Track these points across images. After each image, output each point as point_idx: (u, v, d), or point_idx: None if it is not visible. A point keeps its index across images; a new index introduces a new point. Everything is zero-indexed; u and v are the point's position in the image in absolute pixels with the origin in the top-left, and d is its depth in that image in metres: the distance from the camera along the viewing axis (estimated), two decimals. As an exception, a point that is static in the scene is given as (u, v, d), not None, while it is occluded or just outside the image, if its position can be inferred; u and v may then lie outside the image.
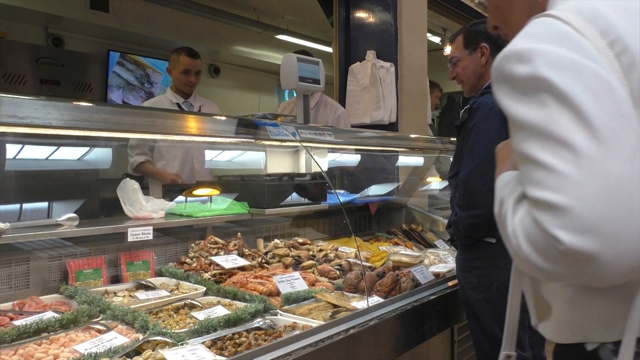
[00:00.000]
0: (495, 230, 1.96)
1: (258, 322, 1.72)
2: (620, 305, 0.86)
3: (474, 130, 2.12)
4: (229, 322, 1.67)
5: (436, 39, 6.10)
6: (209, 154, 3.01)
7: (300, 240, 2.78)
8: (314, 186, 2.82)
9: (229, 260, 2.31)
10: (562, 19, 0.86)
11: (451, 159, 2.37)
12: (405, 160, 3.65)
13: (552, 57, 0.82)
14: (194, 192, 2.63)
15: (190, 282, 2.13)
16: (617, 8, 0.88)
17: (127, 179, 2.33)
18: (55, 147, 2.22)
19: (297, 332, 1.65)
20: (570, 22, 0.85)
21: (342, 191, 3.44)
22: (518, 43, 0.87)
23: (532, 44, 0.84)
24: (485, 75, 2.31)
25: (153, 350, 1.44)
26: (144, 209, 2.26)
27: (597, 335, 0.91)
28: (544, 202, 0.78)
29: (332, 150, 2.93)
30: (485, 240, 2.16)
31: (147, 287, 2.05)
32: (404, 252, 2.68)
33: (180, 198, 2.63)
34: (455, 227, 2.21)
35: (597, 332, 0.90)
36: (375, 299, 2.08)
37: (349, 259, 2.54)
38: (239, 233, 2.57)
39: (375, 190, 3.60)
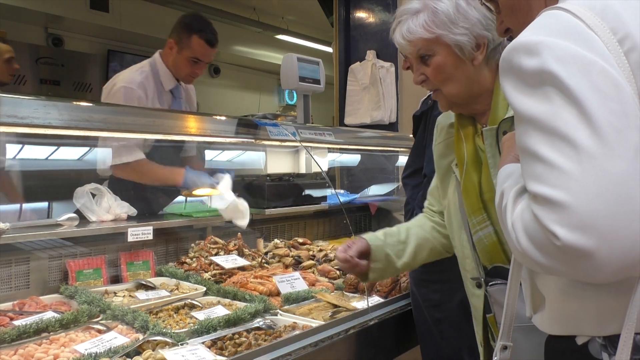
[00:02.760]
0: None
1: (258, 322, 1.72)
2: (615, 300, 0.87)
3: None
4: (229, 322, 1.66)
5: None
6: (209, 154, 3.01)
7: (300, 240, 2.78)
8: (314, 186, 2.82)
9: (229, 260, 2.31)
10: (574, 12, 0.85)
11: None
12: (405, 160, 3.65)
13: (560, 52, 0.81)
14: (194, 192, 2.63)
15: (190, 282, 2.13)
16: (629, 5, 0.87)
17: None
18: (55, 147, 2.23)
19: (297, 332, 1.65)
20: (582, 17, 0.84)
21: (342, 191, 3.44)
22: (527, 35, 0.86)
23: (542, 37, 0.84)
24: None
25: (153, 350, 1.44)
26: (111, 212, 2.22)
27: (588, 329, 0.91)
28: (543, 197, 0.78)
29: (332, 150, 2.93)
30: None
31: (147, 287, 2.05)
32: (404, 252, 2.67)
33: (180, 198, 2.63)
34: None
35: (590, 325, 0.91)
36: (375, 299, 2.07)
37: (349, 259, 2.54)
38: (239, 233, 2.57)
39: (375, 190, 3.60)
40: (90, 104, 1.72)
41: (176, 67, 2.73)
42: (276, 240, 2.71)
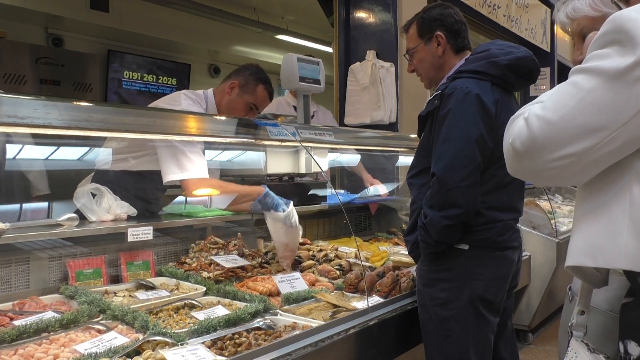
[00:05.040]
0: (468, 235, 1.89)
1: (258, 322, 1.72)
2: None
3: (448, 116, 1.84)
4: (229, 322, 1.67)
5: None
6: (209, 154, 3.00)
7: (300, 240, 2.78)
8: (314, 186, 2.82)
9: (229, 260, 2.31)
10: None
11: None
12: (405, 160, 3.65)
13: None
14: (194, 192, 2.63)
15: (190, 282, 2.13)
16: None
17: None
18: (55, 147, 2.22)
19: (297, 332, 1.65)
20: None
21: (342, 191, 3.44)
22: None
23: None
24: (444, 66, 2.09)
25: (153, 350, 1.44)
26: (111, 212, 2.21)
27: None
28: None
29: (332, 150, 2.93)
30: (457, 248, 1.89)
31: (147, 287, 2.05)
32: (404, 252, 2.67)
33: (180, 198, 2.63)
34: (425, 231, 1.88)
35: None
36: (375, 299, 2.07)
37: (349, 259, 2.54)
38: (239, 233, 2.57)
39: (375, 190, 3.60)
40: (90, 104, 1.72)
41: (230, 107, 2.69)
42: (276, 240, 2.70)
